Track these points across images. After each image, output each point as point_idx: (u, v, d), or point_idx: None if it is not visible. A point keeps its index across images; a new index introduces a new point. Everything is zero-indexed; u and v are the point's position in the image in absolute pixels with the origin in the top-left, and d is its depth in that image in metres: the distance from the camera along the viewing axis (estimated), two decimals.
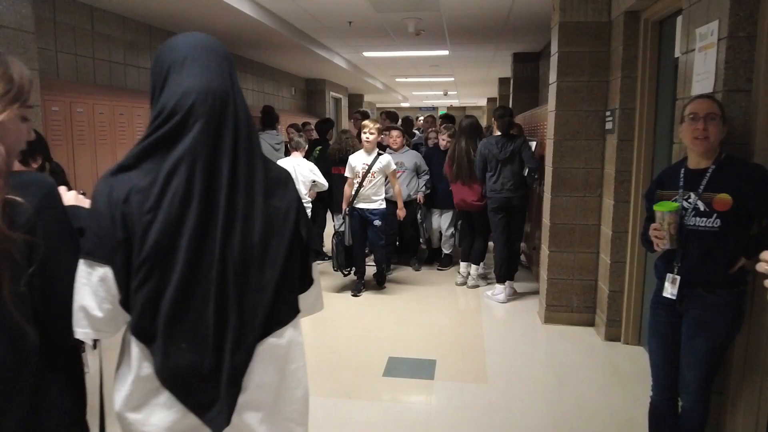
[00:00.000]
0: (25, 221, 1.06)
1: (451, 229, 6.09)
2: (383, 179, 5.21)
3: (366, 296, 5.32)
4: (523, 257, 6.28)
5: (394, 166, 5.28)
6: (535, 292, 5.34)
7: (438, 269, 6.28)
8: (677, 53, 3.32)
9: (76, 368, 1.31)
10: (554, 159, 4.38)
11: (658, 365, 2.47)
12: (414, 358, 3.91)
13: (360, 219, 5.23)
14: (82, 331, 1.21)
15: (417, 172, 6.02)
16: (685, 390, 2.35)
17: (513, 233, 5.29)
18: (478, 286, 5.62)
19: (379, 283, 5.55)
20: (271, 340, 1.31)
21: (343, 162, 5.55)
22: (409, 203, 5.93)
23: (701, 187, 2.24)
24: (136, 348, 1.24)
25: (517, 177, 5.06)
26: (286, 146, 7.02)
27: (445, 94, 16.89)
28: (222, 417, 1.24)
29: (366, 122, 5.20)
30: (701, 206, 2.23)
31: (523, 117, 6.80)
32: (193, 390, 1.24)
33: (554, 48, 4.42)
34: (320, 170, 5.55)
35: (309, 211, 6.33)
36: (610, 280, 4.17)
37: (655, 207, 2.28)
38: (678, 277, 2.31)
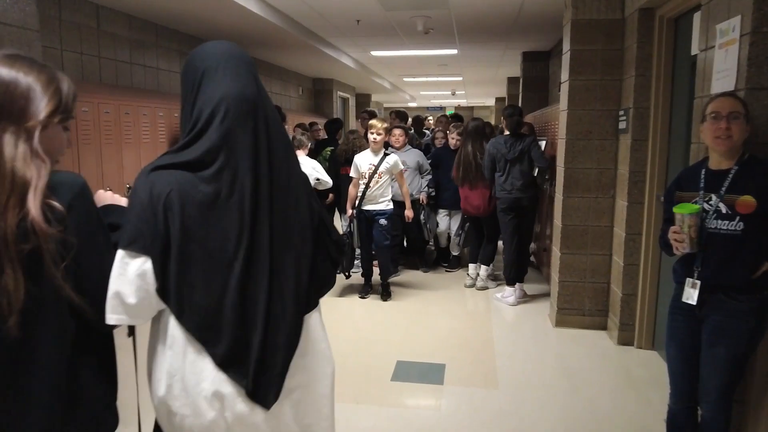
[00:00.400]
0: (57, 220, 1.13)
1: (458, 232, 5.99)
2: (390, 180, 5.11)
3: (373, 299, 5.25)
4: (532, 258, 6.20)
5: (401, 167, 5.19)
6: (546, 294, 5.26)
7: (446, 270, 6.21)
8: (694, 50, 3.24)
9: (109, 355, 1.36)
10: (566, 159, 4.30)
11: (676, 372, 2.39)
12: (423, 362, 3.84)
13: (366, 221, 5.13)
14: (116, 317, 1.27)
15: (420, 171, 5.93)
16: (705, 399, 2.27)
17: (523, 234, 5.21)
18: (487, 288, 5.55)
19: (383, 296, 5.21)
20: (307, 322, 1.45)
21: (350, 163, 5.46)
22: (412, 203, 5.78)
23: (723, 188, 2.16)
24: (178, 336, 1.31)
25: (526, 177, 4.98)
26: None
27: (453, 94, 16.79)
28: (271, 395, 1.35)
29: (373, 122, 5.07)
30: (723, 208, 2.14)
31: (534, 116, 6.71)
32: (246, 372, 1.32)
33: (566, 46, 4.34)
34: (331, 171, 5.61)
35: None
36: (623, 283, 4.08)
37: (675, 209, 2.20)
38: (698, 282, 2.23)
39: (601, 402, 3.34)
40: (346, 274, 5.25)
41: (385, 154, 5.04)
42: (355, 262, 5.61)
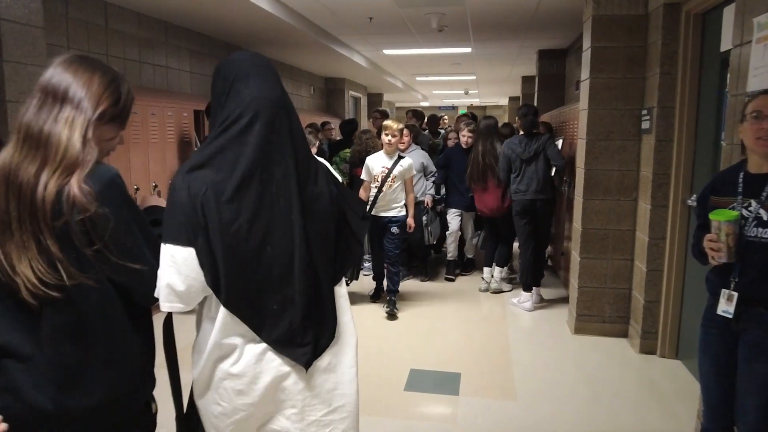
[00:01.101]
0: (89, 201, 1.27)
1: (475, 233, 5.84)
2: (403, 184, 4.84)
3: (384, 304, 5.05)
4: (549, 261, 6.04)
5: (414, 172, 4.93)
6: (563, 300, 5.11)
7: (461, 274, 6.05)
8: (725, 46, 3.08)
9: (148, 325, 1.51)
10: (586, 160, 4.15)
11: (710, 389, 2.24)
12: (437, 371, 3.70)
13: (378, 227, 4.86)
14: (168, 305, 1.41)
15: (424, 173, 5.65)
16: (742, 419, 2.11)
17: (539, 238, 5.05)
18: (501, 290, 5.40)
19: (389, 313, 4.77)
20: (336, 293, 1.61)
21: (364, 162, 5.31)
22: (416, 205, 5.45)
23: (764, 193, 2.00)
24: (222, 315, 1.44)
25: (542, 177, 4.83)
26: None
27: (466, 93, 16.61)
28: (308, 357, 1.50)
29: (388, 122, 4.77)
30: (764, 215, 1.99)
31: (550, 116, 6.55)
32: (286, 341, 1.48)
33: (586, 43, 4.19)
34: (345, 172, 5.50)
35: None
36: (646, 289, 3.93)
37: (712, 216, 2.05)
38: (735, 294, 2.07)
39: (624, 414, 3.19)
40: (347, 281, 4.94)
41: (400, 157, 4.78)
42: (365, 264, 5.49)
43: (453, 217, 5.79)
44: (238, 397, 1.50)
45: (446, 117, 8.27)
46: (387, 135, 4.71)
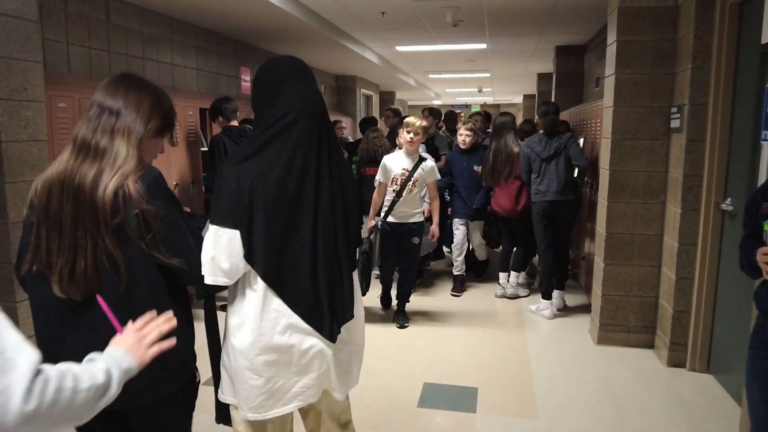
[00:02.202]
0: (141, 196, 1.47)
1: (480, 238, 5.41)
2: (423, 189, 4.44)
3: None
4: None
5: (438, 175, 4.50)
6: (584, 306, 4.88)
7: (474, 280, 5.82)
8: (767, 38, 2.84)
9: (188, 307, 1.69)
10: (611, 160, 3.91)
11: (760, 418, 2.01)
12: (453, 385, 3.49)
13: (394, 236, 4.38)
14: (212, 278, 1.61)
15: None
16: None
17: (561, 242, 4.82)
18: (518, 296, 5.17)
19: (400, 323, 4.51)
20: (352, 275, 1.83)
21: (372, 163, 5.09)
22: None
23: None
24: (262, 292, 1.66)
25: (564, 177, 4.59)
26: None
27: (480, 91, 16.33)
28: (334, 331, 1.72)
29: (410, 119, 4.29)
30: None
31: (569, 113, 6.31)
32: (315, 314, 1.69)
33: (612, 37, 3.95)
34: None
35: None
36: (675, 298, 3.69)
37: None
38: None
39: None
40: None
41: (421, 158, 4.34)
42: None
43: (457, 228, 5.31)
44: (272, 367, 1.70)
45: (462, 114, 7.94)
46: (409, 133, 4.25)
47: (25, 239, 1.55)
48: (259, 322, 1.67)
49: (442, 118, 7.13)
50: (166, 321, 1.35)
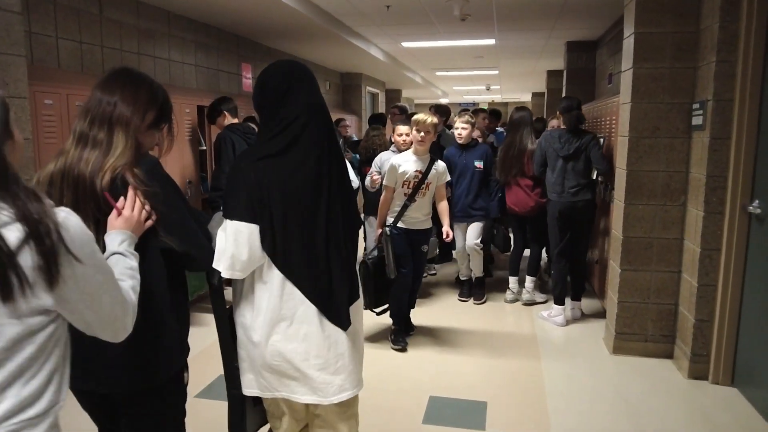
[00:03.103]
0: (140, 181, 1.55)
1: (479, 239, 4.92)
2: (434, 192, 4.06)
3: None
4: None
5: (449, 176, 4.19)
6: (598, 313, 4.67)
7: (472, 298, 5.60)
8: None
9: (185, 299, 1.76)
10: (629, 160, 3.69)
11: None
12: (460, 399, 3.28)
13: (403, 243, 3.95)
14: (230, 272, 1.73)
15: None
16: None
17: (579, 246, 4.60)
18: (534, 302, 4.93)
19: (405, 330, 4.22)
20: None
21: (370, 162, 4.86)
22: None
23: None
24: (279, 283, 1.77)
25: (581, 179, 4.37)
26: None
27: (488, 89, 16.08)
28: (346, 319, 1.84)
29: (419, 117, 3.90)
30: None
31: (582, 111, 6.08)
32: (329, 303, 1.80)
33: (629, 29, 3.73)
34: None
35: None
36: (697, 306, 3.47)
37: None
38: None
39: None
40: (376, 311, 3.97)
41: (432, 159, 3.98)
42: None
43: (457, 234, 4.83)
44: (288, 354, 1.80)
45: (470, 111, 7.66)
46: (419, 131, 3.88)
47: None
48: (278, 311, 1.79)
49: (450, 116, 6.87)
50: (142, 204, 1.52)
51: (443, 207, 4.12)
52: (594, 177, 4.41)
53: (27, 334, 1.05)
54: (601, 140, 4.58)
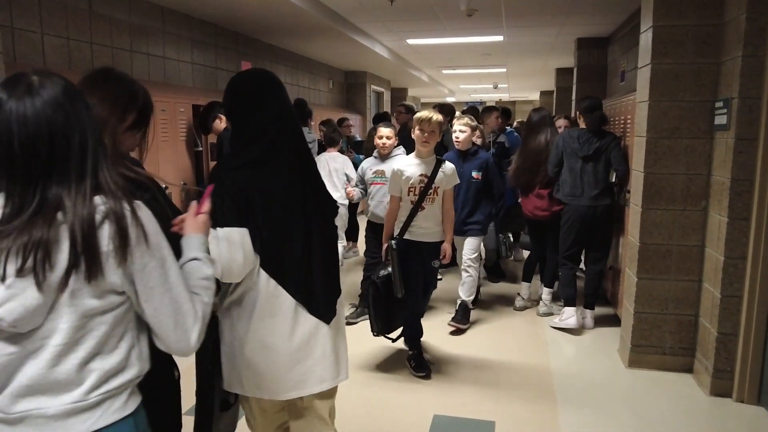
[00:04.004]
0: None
1: (474, 255, 4.45)
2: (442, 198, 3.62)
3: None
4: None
5: (457, 180, 3.72)
6: (610, 318, 4.45)
7: (492, 281, 5.39)
8: None
9: None
10: (646, 162, 3.47)
11: None
12: (466, 419, 3.06)
13: (414, 257, 3.53)
14: (228, 278, 1.75)
15: None
16: None
17: (595, 253, 4.37)
18: (551, 314, 4.64)
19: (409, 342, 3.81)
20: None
21: None
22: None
23: None
24: (264, 285, 1.82)
25: (601, 182, 4.14)
26: (319, 144, 6.25)
27: (495, 87, 15.84)
28: (328, 312, 1.93)
29: (422, 114, 3.49)
30: None
31: None
32: (315, 300, 1.88)
33: (646, 22, 3.50)
34: None
35: (344, 210, 5.51)
36: (720, 318, 3.24)
37: None
38: None
39: None
40: (392, 338, 3.62)
41: (439, 161, 3.56)
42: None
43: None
44: (273, 352, 1.84)
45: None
46: (422, 131, 3.49)
47: None
48: (263, 308, 1.81)
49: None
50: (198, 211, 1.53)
51: (448, 218, 3.63)
52: (612, 180, 4.18)
53: (101, 311, 1.17)
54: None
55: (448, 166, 3.59)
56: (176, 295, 1.23)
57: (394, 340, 3.62)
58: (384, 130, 4.39)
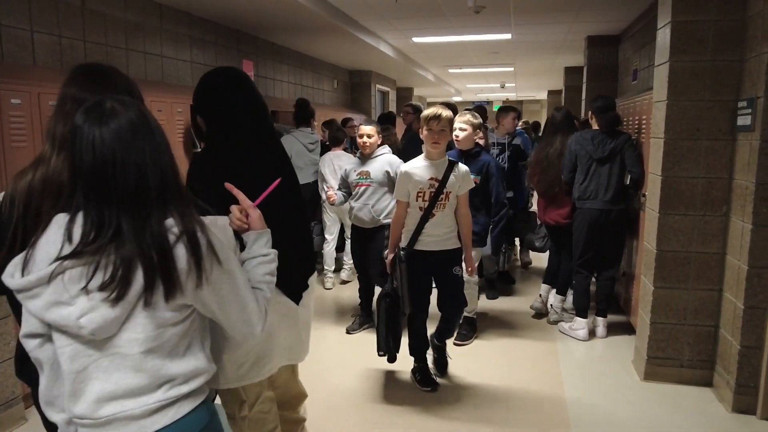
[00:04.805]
0: None
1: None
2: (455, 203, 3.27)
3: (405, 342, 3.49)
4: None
5: (472, 183, 3.34)
6: (623, 326, 4.27)
7: (490, 297, 5.21)
8: None
9: None
10: (664, 165, 3.29)
11: None
12: None
13: (423, 268, 3.25)
14: None
15: (390, 186, 4.03)
16: None
17: (608, 259, 4.19)
18: (561, 321, 4.45)
19: (440, 369, 3.62)
20: None
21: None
22: (378, 231, 4.05)
23: None
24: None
25: (616, 184, 3.97)
26: (322, 144, 6.09)
27: (502, 87, 15.63)
28: (297, 294, 2.05)
29: (431, 111, 3.12)
30: None
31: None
32: (288, 282, 1.95)
33: (664, 17, 3.33)
34: None
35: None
36: (743, 331, 3.06)
37: None
38: None
39: None
40: (394, 356, 3.32)
41: (451, 162, 3.21)
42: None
43: None
44: (291, 320, 2.03)
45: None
46: (430, 130, 3.13)
47: None
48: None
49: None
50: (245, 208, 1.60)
51: (464, 221, 3.27)
52: (627, 182, 3.99)
53: (173, 323, 1.28)
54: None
55: (462, 168, 3.24)
56: (243, 298, 1.37)
57: (392, 360, 3.32)
58: (365, 128, 4.14)
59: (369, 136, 4.12)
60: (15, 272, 1.23)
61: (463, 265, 3.32)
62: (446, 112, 3.11)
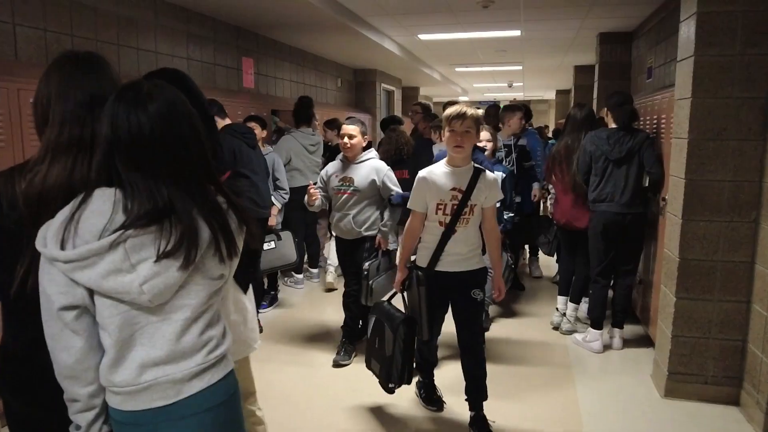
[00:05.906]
0: None
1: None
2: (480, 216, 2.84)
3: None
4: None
5: (501, 194, 2.92)
6: (641, 338, 4.04)
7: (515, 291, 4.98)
8: None
9: None
10: (688, 167, 3.06)
11: None
12: None
13: (443, 290, 2.84)
14: None
15: (381, 194, 3.72)
16: None
17: (624, 266, 3.96)
18: (575, 332, 4.22)
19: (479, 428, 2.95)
20: None
21: (400, 164, 4.31)
22: (359, 242, 3.73)
23: None
24: None
25: (634, 186, 3.74)
26: (325, 145, 5.88)
27: (510, 86, 15.39)
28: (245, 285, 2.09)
29: (452, 110, 2.67)
30: None
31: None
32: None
33: (689, 8, 3.10)
34: None
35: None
36: None
37: None
38: None
39: None
40: (392, 386, 2.95)
41: (477, 170, 2.76)
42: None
43: None
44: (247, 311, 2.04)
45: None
46: (453, 131, 2.66)
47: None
48: None
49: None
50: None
51: (491, 237, 2.87)
52: (645, 184, 3.76)
53: (217, 290, 1.38)
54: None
55: (489, 176, 2.77)
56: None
57: (391, 390, 2.97)
58: (348, 128, 3.70)
59: (351, 137, 3.67)
60: (53, 245, 1.20)
61: (486, 287, 2.93)
62: (472, 111, 2.67)
